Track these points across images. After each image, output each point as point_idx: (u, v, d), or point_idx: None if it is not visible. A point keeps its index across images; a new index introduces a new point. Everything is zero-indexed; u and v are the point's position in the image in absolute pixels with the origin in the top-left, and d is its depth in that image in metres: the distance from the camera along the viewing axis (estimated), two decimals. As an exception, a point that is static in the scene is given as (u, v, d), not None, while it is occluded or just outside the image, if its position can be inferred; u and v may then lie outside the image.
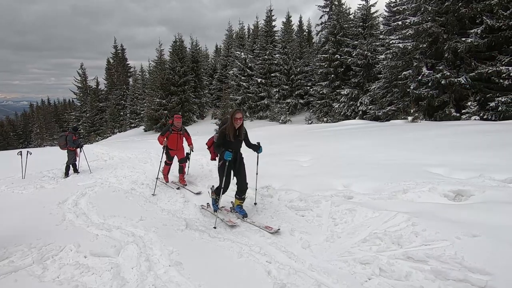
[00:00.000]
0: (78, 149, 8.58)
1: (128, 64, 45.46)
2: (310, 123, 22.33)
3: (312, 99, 25.87)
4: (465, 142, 6.55)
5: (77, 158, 8.55)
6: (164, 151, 6.32)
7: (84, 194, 5.91)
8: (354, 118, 19.33)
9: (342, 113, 21.13)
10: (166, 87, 29.24)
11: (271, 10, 29.41)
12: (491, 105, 11.86)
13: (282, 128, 18.09)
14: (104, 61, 45.52)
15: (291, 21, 31.65)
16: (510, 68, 11.35)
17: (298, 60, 29.18)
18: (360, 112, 19.74)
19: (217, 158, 4.32)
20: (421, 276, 2.25)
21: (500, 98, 11.60)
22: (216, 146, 4.04)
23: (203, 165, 7.77)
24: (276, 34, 30.12)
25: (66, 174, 8.16)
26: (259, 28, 31.58)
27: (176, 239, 3.50)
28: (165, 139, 6.12)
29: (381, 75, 18.08)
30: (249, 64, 29.71)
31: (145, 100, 32.70)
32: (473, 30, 12.72)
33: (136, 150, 12.89)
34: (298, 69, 28.22)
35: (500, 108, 11.57)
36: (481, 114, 12.03)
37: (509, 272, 2.05)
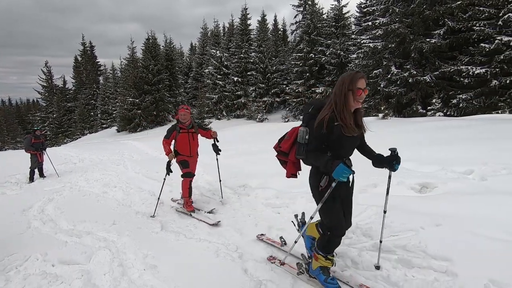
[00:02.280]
0: (42, 152, 8.11)
1: (98, 62, 43.50)
2: (287, 121, 22.61)
3: (288, 97, 26.19)
4: (430, 137, 6.95)
5: (42, 162, 8.08)
6: (176, 160, 4.48)
7: (52, 199, 5.60)
8: (329, 116, 19.79)
9: (317, 111, 21.58)
10: (139, 86, 28.34)
11: (246, 9, 29.37)
12: (453, 102, 12.67)
13: (259, 127, 18.19)
14: (72, 58, 43.13)
15: (266, 20, 31.83)
16: (469, 67, 12.17)
17: (273, 58, 29.41)
18: (334, 110, 20.27)
19: (299, 173, 2.57)
20: (389, 265, 2.37)
21: (461, 96, 12.41)
22: (309, 152, 2.13)
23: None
24: (251, 33, 30.12)
25: (31, 179, 7.68)
26: (235, 27, 31.44)
27: (151, 242, 3.42)
28: (172, 145, 4.42)
29: (353, 74, 18.68)
30: (225, 63, 29.51)
31: (117, 100, 31.49)
32: (436, 32, 13.51)
33: (108, 151, 12.41)
34: (274, 67, 28.46)
35: (461, 105, 12.39)
36: (444, 110, 12.82)
37: (467, 257, 2.21)
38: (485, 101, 11.96)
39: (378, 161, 2.31)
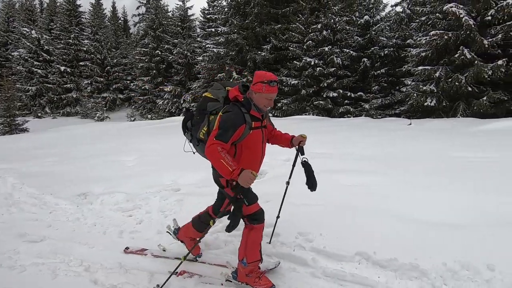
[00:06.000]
0: None
1: None
2: (133, 120, 20.98)
3: (133, 94, 24.26)
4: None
5: None
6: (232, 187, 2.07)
7: None
8: (179, 115, 19.99)
9: (166, 110, 21.26)
10: None
11: (74, -14, 24.78)
12: (278, 105, 15.77)
13: (99, 126, 15.94)
14: None
15: (102, 4, 28.03)
16: (288, 78, 15.50)
17: (114, 50, 26.34)
18: (184, 109, 20.65)
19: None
20: (235, 241, 2.84)
21: (283, 100, 15.62)
22: None
23: None
24: (82, 16, 25.70)
25: None
26: (58, 5, 25.82)
27: None
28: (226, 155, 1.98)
29: (200, 75, 19.65)
30: (46, 47, 23.76)
31: None
32: (265, 46, 16.33)
33: None
34: (115, 60, 25.56)
35: (284, 108, 15.61)
36: (273, 112, 15.74)
37: (286, 221, 2.99)
38: (299, 105, 15.64)
39: None
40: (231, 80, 16.23)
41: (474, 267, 2.20)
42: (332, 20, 14.70)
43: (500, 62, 9.74)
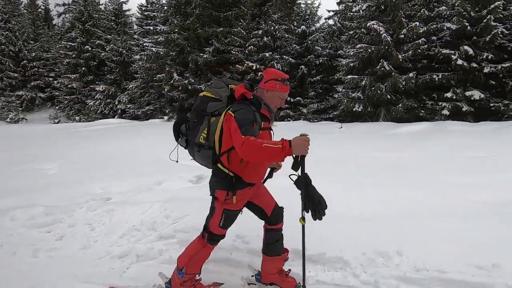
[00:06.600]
0: None
1: None
2: (57, 122, 18.71)
3: (57, 93, 21.62)
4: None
5: None
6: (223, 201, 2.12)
7: None
8: (113, 117, 18.48)
9: (98, 111, 19.47)
10: None
11: (-21, -36, 21.10)
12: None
13: (13, 129, 13.81)
14: None
15: (17, -11, 24.38)
16: (230, 82, 15.63)
17: (32, 42, 23.13)
18: (119, 111, 19.17)
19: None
20: (170, 248, 2.74)
21: (226, 103, 15.70)
22: None
23: None
24: (-10, 0, 22.04)
25: None
26: (-44, -17, 21.78)
27: None
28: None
29: (138, 75, 18.48)
30: None
31: None
32: (207, 49, 16.16)
33: None
34: (34, 54, 22.43)
35: (226, 111, 15.68)
36: (216, 115, 15.70)
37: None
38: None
39: None
40: (171, 82, 15.63)
41: (387, 254, 2.51)
42: (272, 28, 15.29)
43: (411, 74, 11.37)
